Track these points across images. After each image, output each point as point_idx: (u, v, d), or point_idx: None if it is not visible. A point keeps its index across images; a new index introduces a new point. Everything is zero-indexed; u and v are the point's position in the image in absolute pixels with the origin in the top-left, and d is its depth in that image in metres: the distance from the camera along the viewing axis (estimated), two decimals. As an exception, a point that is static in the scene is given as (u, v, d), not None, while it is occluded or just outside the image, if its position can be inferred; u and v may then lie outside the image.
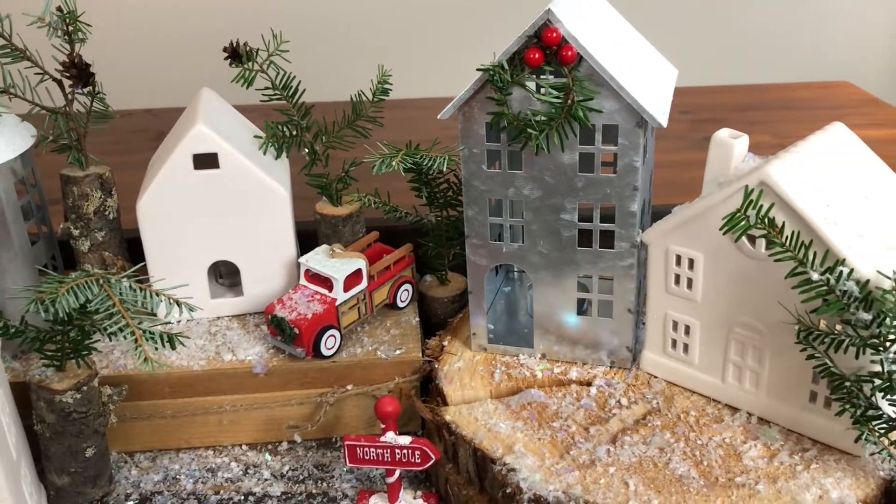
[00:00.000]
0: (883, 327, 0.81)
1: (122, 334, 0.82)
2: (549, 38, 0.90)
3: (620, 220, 0.99)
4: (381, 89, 1.21)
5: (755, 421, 0.97)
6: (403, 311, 1.19)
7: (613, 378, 1.05)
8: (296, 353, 1.08)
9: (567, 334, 1.07)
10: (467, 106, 0.98)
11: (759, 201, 0.85)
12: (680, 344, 1.01)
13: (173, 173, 1.09)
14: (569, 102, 0.92)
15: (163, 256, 1.14)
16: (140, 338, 0.81)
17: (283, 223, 1.14)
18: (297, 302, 1.09)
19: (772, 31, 2.84)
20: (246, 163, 1.10)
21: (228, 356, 1.10)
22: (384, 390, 1.10)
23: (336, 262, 1.10)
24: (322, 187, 1.20)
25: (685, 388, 1.03)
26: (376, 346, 1.11)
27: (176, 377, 1.09)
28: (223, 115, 1.18)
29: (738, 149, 0.94)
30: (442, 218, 1.20)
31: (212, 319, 1.18)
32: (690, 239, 0.95)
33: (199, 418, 1.11)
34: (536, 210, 1.01)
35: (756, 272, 0.91)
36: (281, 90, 1.17)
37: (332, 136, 1.20)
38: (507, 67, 0.93)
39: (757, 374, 0.96)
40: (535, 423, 0.98)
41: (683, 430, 0.96)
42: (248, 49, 1.16)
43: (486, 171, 1.01)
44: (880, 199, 0.92)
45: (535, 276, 1.05)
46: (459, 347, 1.13)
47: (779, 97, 2.50)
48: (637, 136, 0.94)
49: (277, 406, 1.11)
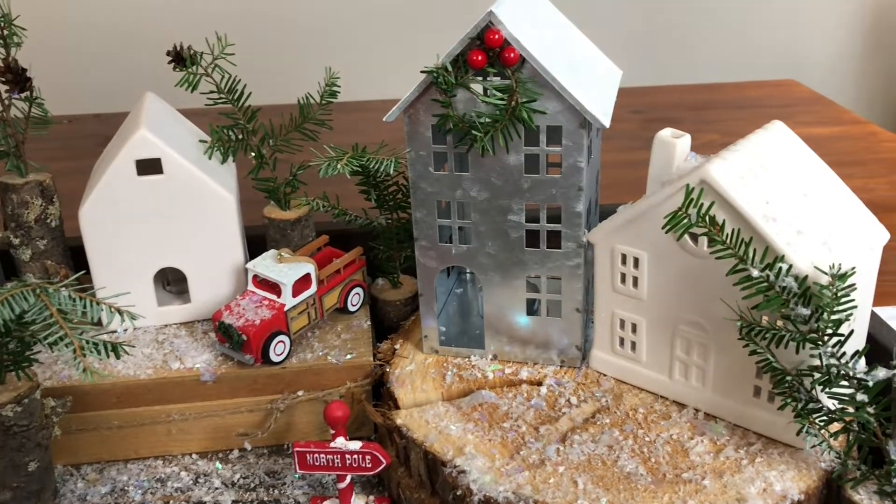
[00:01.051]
0: (821, 322, 0.82)
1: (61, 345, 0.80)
2: (491, 40, 0.90)
3: (567, 221, 0.99)
4: (329, 91, 1.21)
5: (702, 417, 0.98)
6: (355, 315, 1.19)
7: (563, 377, 1.06)
8: (244, 360, 1.07)
9: (518, 335, 1.08)
10: (412, 108, 0.97)
11: (699, 200, 0.86)
12: (627, 342, 1.02)
13: (116, 179, 1.07)
14: (512, 104, 0.93)
15: (107, 264, 1.11)
16: (79, 348, 0.79)
17: (230, 228, 1.13)
18: (245, 308, 1.08)
19: (722, 30, 2.89)
20: (190, 168, 1.08)
21: (176, 364, 1.09)
22: (335, 395, 1.09)
23: (284, 267, 1.09)
24: (270, 191, 1.19)
25: (634, 386, 1.04)
26: (327, 351, 1.11)
27: (122, 387, 1.07)
28: (167, 119, 1.16)
29: (681, 148, 0.95)
30: (392, 220, 1.20)
31: (159, 327, 1.16)
32: (635, 238, 0.96)
33: (147, 428, 1.09)
34: (484, 211, 1.01)
35: (699, 270, 0.92)
36: (226, 94, 1.16)
37: (280, 140, 1.19)
38: (450, 69, 0.93)
39: (703, 370, 0.97)
40: (486, 424, 0.99)
41: (632, 427, 0.97)
42: (191, 52, 1.14)
43: (434, 174, 1.01)
44: (818, 196, 0.93)
45: (485, 277, 1.05)
46: (411, 350, 1.12)
47: (729, 96, 2.55)
48: (581, 137, 0.94)
49: (227, 414, 1.10)
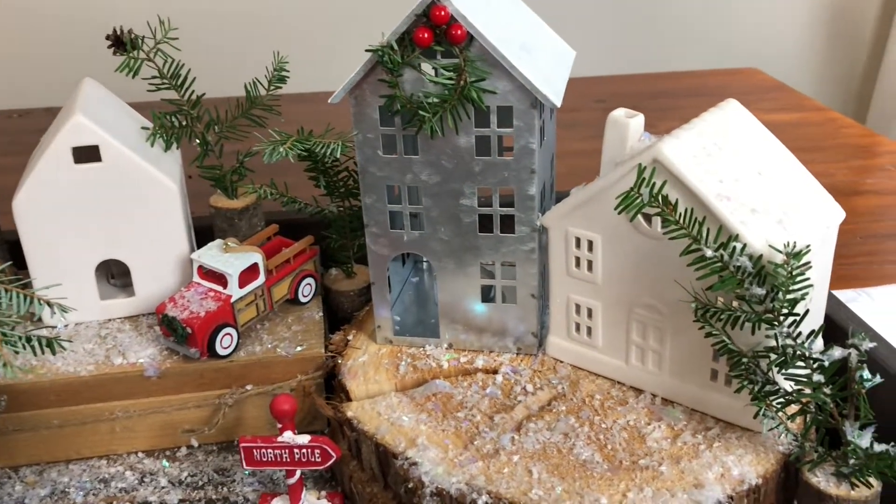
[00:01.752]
0: (776, 301, 0.81)
1: (-19, 339, 0.75)
2: (437, 16, 0.87)
3: (519, 204, 0.97)
4: (278, 76, 1.17)
5: (659, 402, 0.96)
6: (306, 306, 1.15)
7: (520, 365, 1.03)
8: (190, 354, 1.03)
9: (473, 322, 1.05)
10: (359, 89, 0.94)
11: (651, 179, 0.84)
12: (584, 327, 1.00)
13: (51, 168, 1.03)
14: (461, 83, 0.90)
15: (44, 257, 1.07)
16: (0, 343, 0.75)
17: (174, 218, 1.09)
18: (190, 300, 1.04)
19: (684, 19, 2.88)
20: (130, 155, 1.04)
21: (119, 360, 1.04)
22: (286, 389, 1.05)
23: (230, 257, 1.06)
24: (216, 179, 1.15)
25: (591, 372, 1.01)
26: (276, 344, 1.07)
27: (62, 384, 1.02)
28: (107, 105, 1.11)
29: (634, 128, 0.93)
30: (344, 208, 1.17)
31: (102, 322, 1.12)
32: (588, 221, 0.94)
33: (89, 427, 1.05)
34: (435, 196, 0.98)
35: (653, 251, 0.90)
36: (169, 79, 1.12)
37: (226, 126, 1.15)
38: (396, 48, 0.90)
39: (659, 354, 0.95)
40: (440, 414, 0.96)
41: (588, 414, 0.95)
42: (132, 36, 1.10)
43: (382, 157, 0.97)
44: (772, 174, 0.92)
45: (438, 264, 1.03)
46: (364, 341, 1.09)
47: (691, 84, 2.54)
48: (532, 118, 0.92)
49: (173, 410, 1.06)
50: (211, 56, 2.44)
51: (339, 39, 2.59)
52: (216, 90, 1.35)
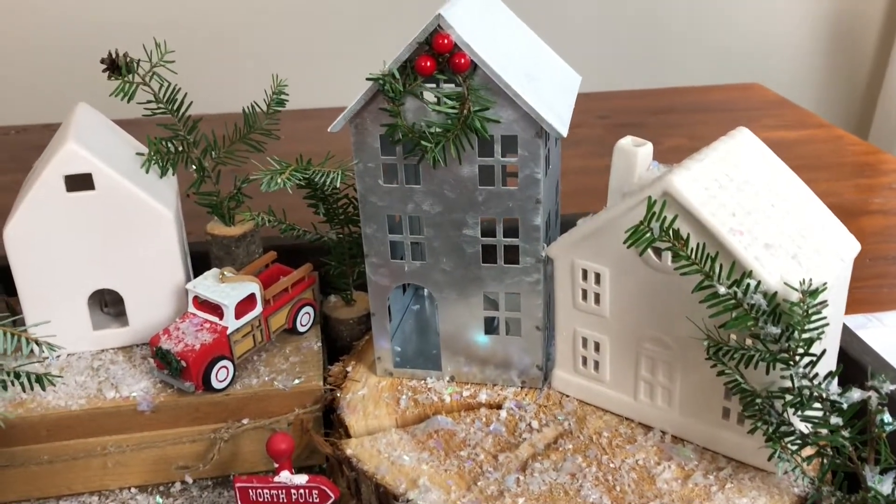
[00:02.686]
0: (792, 341, 0.78)
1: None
2: (440, 44, 0.85)
3: (524, 235, 0.94)
4: (277, 100, 1.14)
5: (669, 439, 0.93)
6: (305, 335, 1.12)
7: (524, 399, 1.00)
8: (184, 388, 1.00)
9: (476, 354, 1.02)
10: (359, 117, 0.92)
11: (662, 213, 0.81)
12: (590, 361, 0.97)
13: (43, 196, 1.00)
14: (464, 112, 0.87)
15: (36, 286, 1.04)
16: (-18, 387, 0.72)
17: (169, 246, 1.06)
18: (185, 332, 1.01)
19: (686, 34, 2.87)
20: (124, 183, 1.01)
21: (111, 393, 1.01)
22: (283, 423, 1.02)
23: (226, 287, 1.03)
24: (212, 206, 1.13)
25: (598, 407, 0.98)
26: (274, 376, 1.04)
27: (53, 419, 0.99)
28: (100, 131, 1.09)
29: (642, 157, 0.90)
30: (343, 235, 1.14)
31: (95, 353, 1.09)
32: (596, 252, 0.91)
33: (80, 462, 1.02)
34: (437, 226, 0.95)
35: (663, 285, 0.87)
36: (165, 104, 1.09)
37: (223, 152, 1.12)
38: (398, 76, 0.87)
39: (669, 390, 0.92)
40: (442, 452, 0.93)
41: (596, 452, 0.91)
42: (128, 60, 1.07)
43: (383, 187, 0.95)
44: (786, 207, 0.89)
45: (440, 294, 1.00)
46: (364, 373, 1.06)
47: (694, 100, 2.52)
48: (537, 147, 0.89)
49: (167, 445, 1.02)
50: (209, 71, 2.42)
51: (339, 55, 2.58)
52: (215, 107, 1.32)
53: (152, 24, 2.41)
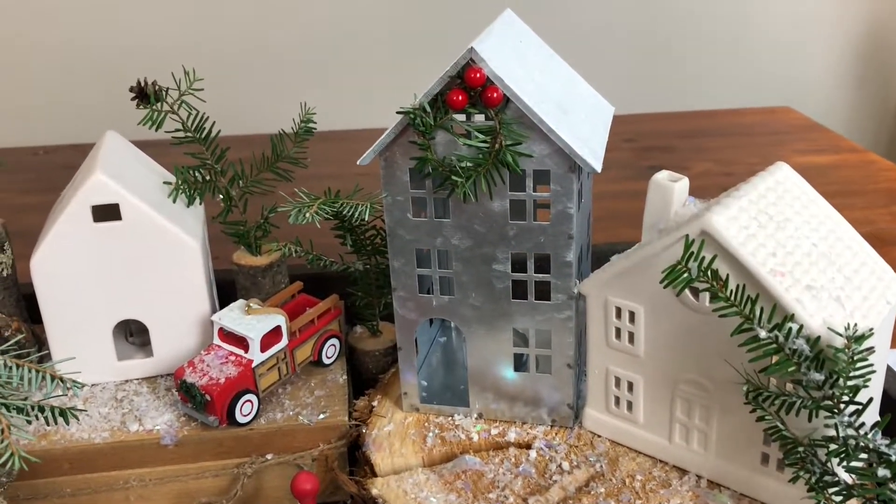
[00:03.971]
0: (836, 388, 0.75)
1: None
2: (472, 78, 0.83)
3: (556, 271, 0.92)
4: (305, 129, 1.13)
5: (705, 484, 0.90)
6: (330, 368, 1.10)
7: (554, 439, 0.97)
8: (208, 422, 0.98)
9: (505, 391, 1.00)
10: (389, 151, 0.90)
11: (700, 252, 0.78)
12: (623, 401, 0.94)
13: (70, 227, 0.99)
14: (496, 147, 0.85)
15: (62, 317, 1.03)
16: (6, 429, 0.71)
17: (194, 277, 1.05)
18: (210, 365, 0.99)
19: (715, 57, 2.84)
20: (151, 213, 1.01)
21: (135, 426, 1.00)
22: (308, 459, 1.00)
23: (252, 320, 1.01)
24: (239, 236, 1.11)
25: (631, 449, 0.96)
26: (298, 410, 1.02)
27: (75, 452, 0.98)
28: (128, 160, 1.08)
29: (678, 192, 0.88)
30: (371, 265, 1.12)
31: (119, 383, 1.08)
32: (630, 290, 0.89)
33: (102, 496, 1.00)
34: (467, 260, 0.94)
35: (700, 326, 0.85)
36: (193, 132, 1.09)
37: (250, 181, 1.11)
38: (429, 110, 0.86)
39: (705, 433, 0.89)
40: (470, 494, 0.90)
41: (629, 497, 0.89)
42: (156, 88, 1.07)
43: (412, 220, 0.93)
44: (828, 246, 0.86)
45: (468, 330, 0.98)
46: (390, 408, 1.04)
47: (723, 123, 2.49)
48: (570, 182, 0.87)
49: (190, 479, 1.01)
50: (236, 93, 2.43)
51: (363, 78, 2.58)
52: (241, 128, 1.32)
53: (181, 46, 2.42)
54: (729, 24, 2.83)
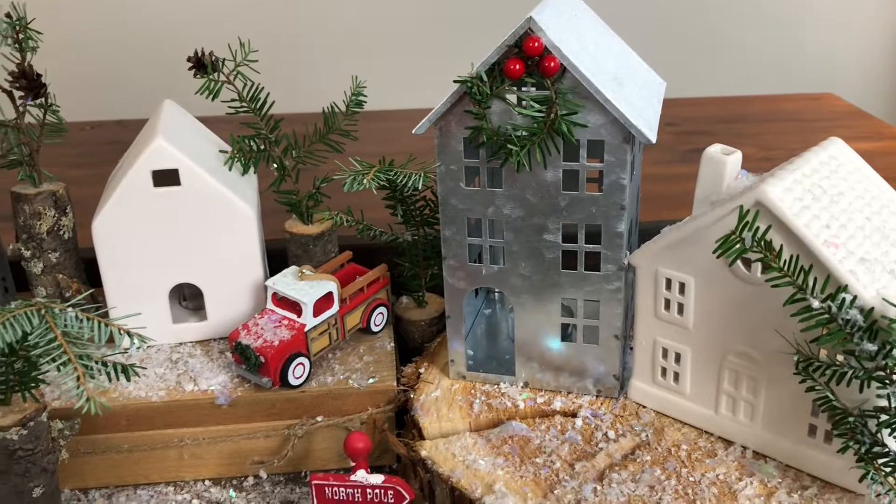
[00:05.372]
0: (889, 359, 0.75)
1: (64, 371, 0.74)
2: (530, 47, 0.84)
3: (607, 241, 0.93)
4: (356, 101, 1.15)
5: (750, 455, 0.91)
6: (378, 335, 1.13)
7: (600, 408, 0.99)
8: (262, 383, 1.01)
9: (550, 361, 1.01)
10: (444, 120, 0.92)
11: (755, 223, 0.79)
12: (670, 372, 0.96)
13: (131, 191, 1.02)
14: (551, 116, 0.87)
15: (121, 279, 1.06)
16: (82, 375, 0.74)
17: (249, 243, 1.07)
18: (264, 328, 1.02)
19: (757, 42, 2.81)
20: (209, 179, 1.03)
21: (190, 386, 1.03)
22: (356, 422, 1.03)
23: (305, 285, 1.04)
24: (292, 205, 1.14)
25: (676, 420, 0.97)
26: (348, 375, 1.05)
27: (133, 409, 1.01)
28: (186, 128, 1.11)
29: (731, 166, 0.89)
30: (419, 237, 1.14)
31: (173, 346, 1.11)
32: (681, 261, 0.90)
33: (158, 452, 1.04)
34: (518, 230, 0.95)
35: (751, 298, 0.85)
36: (248, 102, 1.11)
37: (303, 151, 1.14)
38: (485, 79, 0.87)
39: (752, 405, 0.90)
40: (517, 458, 0.92)
41: (675, 465, 0.90)
42: (213, 59, 1.09)
43: (464, 189, 0.95)
44: (881, 219, 0.86)
45: (517, 299, 0.99)
46: (437, 375, 1.06)
47: (764, 109, 2.47)
48: (624, 153, 0.88)
49: (242, 439, 1.04)
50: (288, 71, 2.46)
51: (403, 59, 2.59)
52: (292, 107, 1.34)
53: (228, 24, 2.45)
54: (769, 9, 2.80)
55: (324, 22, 2.56)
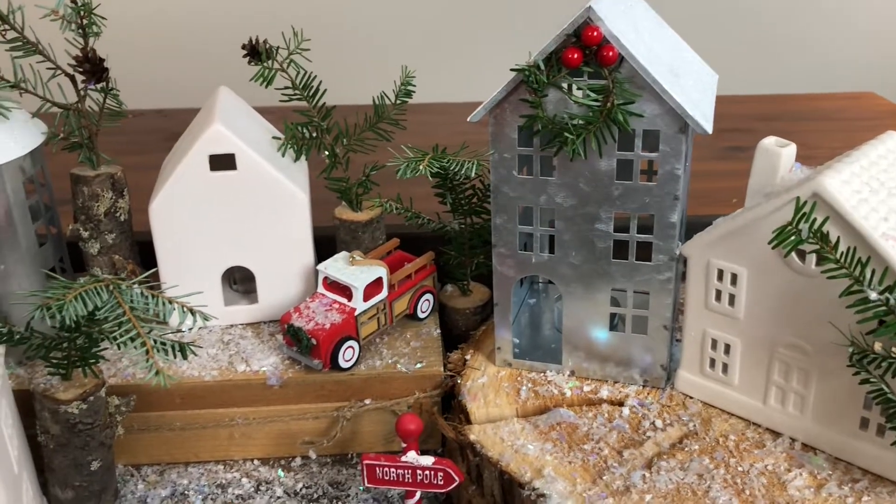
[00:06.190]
0: (946, 352, 0.75)
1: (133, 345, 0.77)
2: (589, 37, 0.85)
3: (659, 232, 0.93)
4: (405, 91, 1.17)
5: (799, 447, 0.91)
6: (424, 322, 1.14)
7: (647, 398, 0.99)
8: (312, 365, 1.03)
9: (597, 350, 1.02)
10: (499, 108, 0.93)
11: (812, 214, 0.79)
12: (719, 363, 0.96)
13: (188, 174, 1.04)
14: (608, 106, 0.87)
15: (175, 261, 1.09)
16: (151, 349, 0.76)
17: (301, 228, 1.09)
18: (315, 311, 1.04)
19: (796, 40, 2.79)
20: (264, 165, 1.05)
21: (242, 367, 1.05)
22: (404, 406, 1.04)
23: (356, 270, 1.05)
24: (342, 191, 1.15)
25: (723, 410, 0.97)
26: (396, 359, 1.06)
27: (186, 388, 1.04)
28: (241, 115, 1.13)
29: (786, 158, 0.89)
30: (466, 225, 1.15)
31: (225, 327, 1.13)
32: (734, 253, 0.90)
33: (209, 431, 1.06)
34: (569, 219, 0.96)
35: (805, 289, 0.86)
36: (301, 90, 1.13)
37: (354, 139, 1.15)
38: (543, 68, 0.88)
39: (802, 397, 0.90)
40: (565, 444, 0.93)
41: (723, 455, 0.90)
42: (267, 47, 1.11)
43: (517, 177, 0.96)
44: (939, 214, 0.86)
45: (566, 288, 1.00)
46: (483, 362, 1.07)
47: (804, 107, 2.45)
48: (679, 143, 0.89)
49: (292, 420, 1.06)
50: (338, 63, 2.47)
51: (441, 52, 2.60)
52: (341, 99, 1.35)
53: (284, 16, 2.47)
54: (808, 6, 2.78)
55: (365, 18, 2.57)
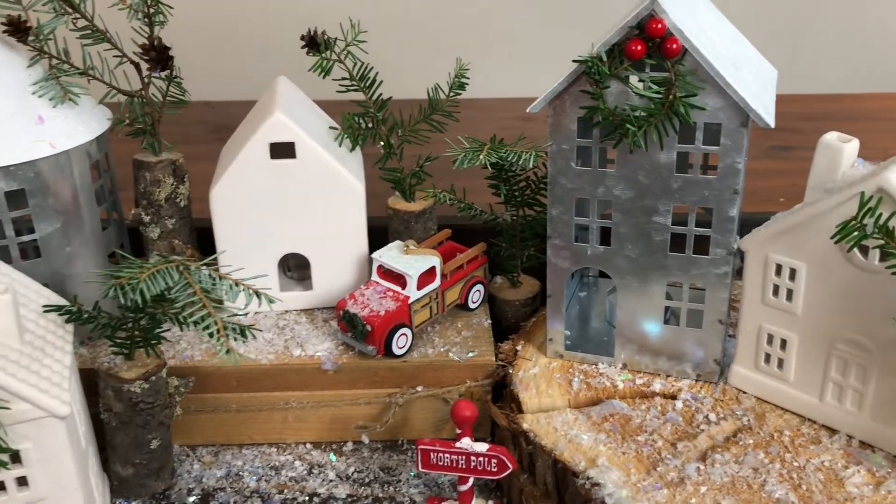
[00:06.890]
0: None
1: (203, 325, 0.79)
2: (653, 29, 0.85)
3: (718, 225, 0.93)
4: (458, 83, 1.17)
5: (856, 444, 0.91)
6: (474, 312, 1.15)
7: (700, 392, 1.00)
8: (367, 351, 1.04)
9: (649, 344, 1.02)
10: (559, 99, 0.93)
11: (877, 209, 0.79)
12: (774, 359, 0.96)
13: (249, 162, 1.06)
14: (670, 98, 0.88)
15: (234, 246, 1.11)
16: (221, 329, 0.78)
17: (357, 217, 1.11)
18: (370, 298, 1.05)
19: (838, 40, 2.75)
20: (323, 154, 1.07)
21: (297, 351, 1.07)
22: (455, 394, 1.06)
23: (410, 259, 1.07)
24: (396, 182, 1.17)
25: (777, 406, 0.97)
26: (448, 348, 1.07)
27: (243, 371, 1.06)
28: (299, 104, 1.15)
29: (848, 153, 0.88)
30: (518, 217, 1.16)
31: (280, 313, 1.15)
32: (793, 248, 0.90)
33: (264, 414, 1.08)
34: (627, 211, 0.96)
35: (867, 285, 0.85)
36: (358, 81, 1.14)
37: (408, 131, 1.16)
38: (605, 59, 0.89)
39: (860, 394, 0.90)
40: (619, 436, 0.93)
41: (778, 450, 0.90)
42: (325, 38, 1.13)
43: (575, 169, 0.96)
44: None
45: (621, 281, 1.00)
46: (534, 353, 1.08)
47: (848, 107, 2.42)
48: (741, 137, 0.89)
49: (345, 405, 1.07)
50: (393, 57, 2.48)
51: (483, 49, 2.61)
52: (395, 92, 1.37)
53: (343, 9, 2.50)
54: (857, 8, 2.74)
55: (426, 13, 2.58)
